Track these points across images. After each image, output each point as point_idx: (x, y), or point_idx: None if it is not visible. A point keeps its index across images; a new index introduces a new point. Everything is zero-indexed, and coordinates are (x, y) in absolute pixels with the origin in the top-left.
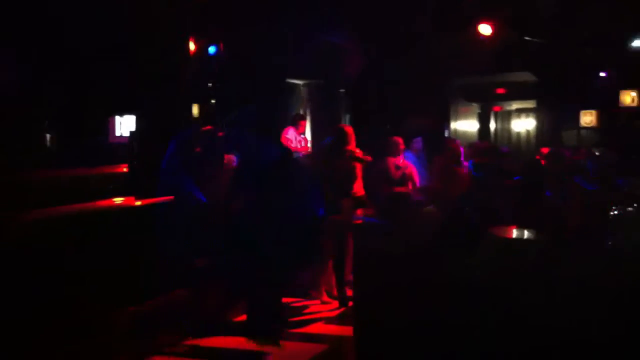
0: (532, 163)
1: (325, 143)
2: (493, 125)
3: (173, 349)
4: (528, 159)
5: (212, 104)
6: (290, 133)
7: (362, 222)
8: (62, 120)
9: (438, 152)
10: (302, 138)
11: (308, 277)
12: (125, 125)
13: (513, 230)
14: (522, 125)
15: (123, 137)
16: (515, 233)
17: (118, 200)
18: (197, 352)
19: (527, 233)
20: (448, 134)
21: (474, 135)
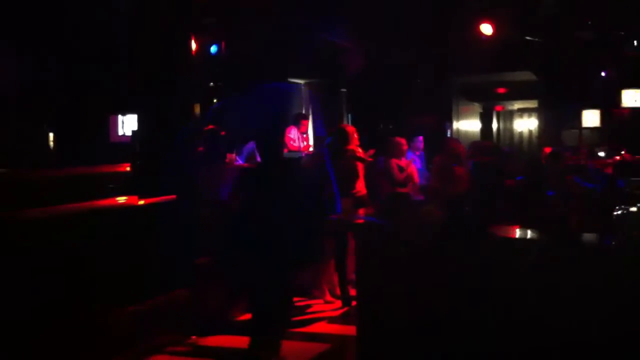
0: (533, 163)
1: (327, 143)
2: (495, 125)
3: (175, 349)
4: (530, 159)
5: (214, 104)
6: (293, 132)
7: (363, 221)
8: (64, 120)
9: (439, 151)
10: (304, 137)
11: (311, 276)
12: (128, 125)
13: (514, 230)
14: (524, 125)
15: (125, 136)
16: (516, 233)
17: (121, 200)
18: (199, 351)
19: (528, 233)
20: (450, 134)
21: (476, 135)
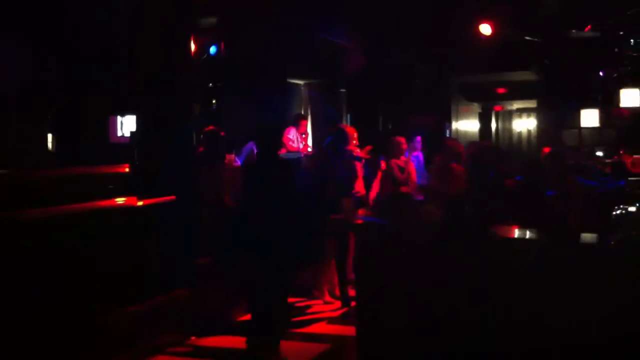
0: (532, 163)
1: (327, 143)
2: (494, 125)
3: (175, 349)
4: (528, 159)
5: (213, 104)
6: (292, 133)
7: (363, 221)
8: (63, 120)
9: (439, 151)
10: (303, 138)
11: (310, 276)
12: (127, 126)
13: (514, 230)
14: (523, 125)
15: (124, 137)
16: (516, 233)
17: (120, 200)
18: (199, 352)
19: (527, 233)
20: (449, 134)
21: (475, 135)
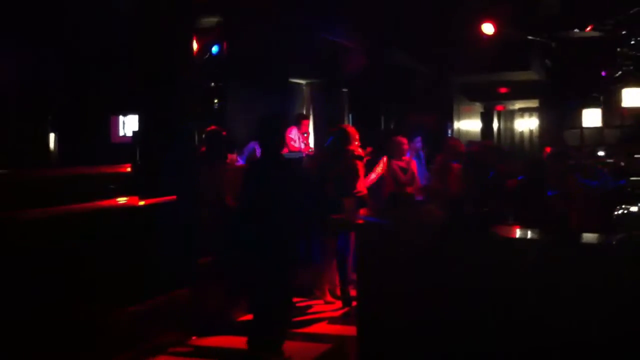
0: (534, 162)
1: (328, 143)
2: (496, 125)
3: (175, 349)
4: (530, 159)
5: (216, 104)
6: (294, 133)
7: (364, 221)
8: (64, 120)
9: (440, 151)
10: (304, 138)
11: (311, 276)
12: (129, 125)
13: (514, 230)
14: (525, 125)
15: (126, 137)
16: (516, 233)
17: (121, 200)
18: (200, 352)
19: (528, 233)
20: (451, 134)
21: (477, 135)
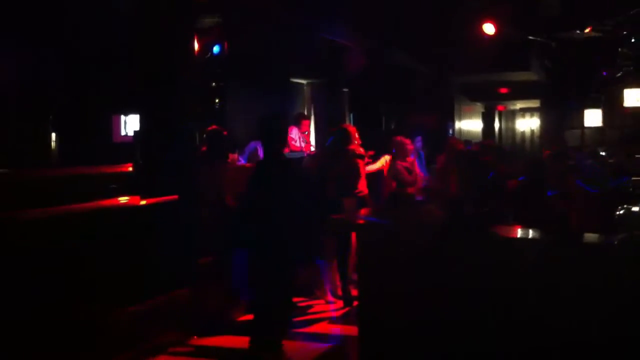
0: (535, 162)
1: (329, 143)
2: (497, 125)
3: (175, 349)
4: (531, 159)
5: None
6: (294, 132)
7: (365, 221)
8: (65, 120)
9: (441, 151)
10: (305, 136)
11: (312, 276)
12: (130, 125)
13: (514, 230)
14: (526, 125)
15: (128, 136)
16: (517, 233)
17: (123, 200)
18: (199, 352)
19: (528, 233)
20: (452, 134)
21: (478, 135)
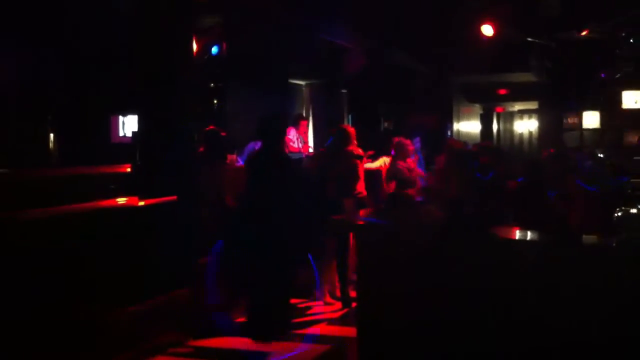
0: (534, 164)
1: (328, 144)
2: (495, 126)
3: (175, 350)
4: (530, 160)
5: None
6: (292, 133)
7: (365, 222)
8: (64, 120)
9: (439, 152)
10: (304, 136)
11: (311, 277)
12: (129, 126)
13: (514, 231)
14: (524, 126)
15: (126, 137)
16: (517, 233)
17: (121, 200)
18: (200, 352)
19: (528, 233)
20: (451, 135)
21: (477, 136)
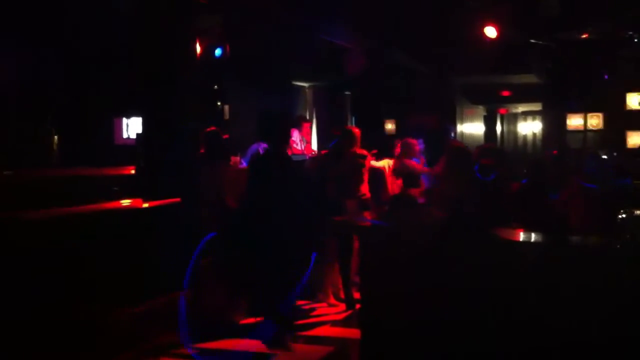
0: (537, 164)
1: (332, 145)
2: (499, 128)
3: (176, 351)
4: (534, 160)
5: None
6: (295, 135)
7: (368, 223)
8: (66, 121)
9: (442, 153)
10: (306, 140)
11: (314, 279)
12: (132, 128)
13: (515, 232)
14: (528, 128)
15: (130, 139)
16: (517, 234)
17: (125, 202)
18: (200, 353)
19: (529, 234)
20: (454, 136)
21: (480, 138)
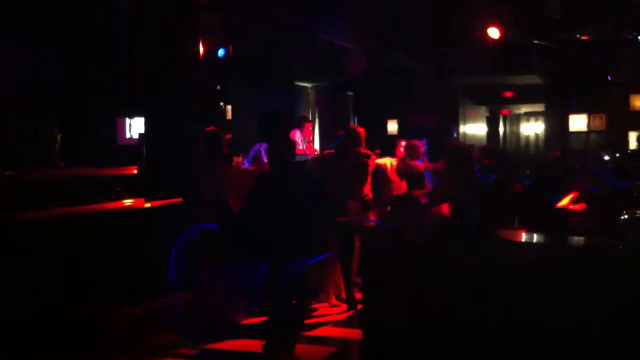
0: (539, 164)
1: (335, 144)
2: (502, 129)
3: (176, 351)
4: (536, 161)
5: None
6: (297, 135)
7: (373, 224)
8: (69, 122)
9: (443, 154)
10: (308, 140)
11: (317, 279)
12: (135, 128)
13: (515, 232)
14: (530, 129)
15: (133, 139)
16: (518, 234)
17: (127, 202)
18: (202, 354)
19: (532, 235)
20: (457, 137)
21: (483, 139)
